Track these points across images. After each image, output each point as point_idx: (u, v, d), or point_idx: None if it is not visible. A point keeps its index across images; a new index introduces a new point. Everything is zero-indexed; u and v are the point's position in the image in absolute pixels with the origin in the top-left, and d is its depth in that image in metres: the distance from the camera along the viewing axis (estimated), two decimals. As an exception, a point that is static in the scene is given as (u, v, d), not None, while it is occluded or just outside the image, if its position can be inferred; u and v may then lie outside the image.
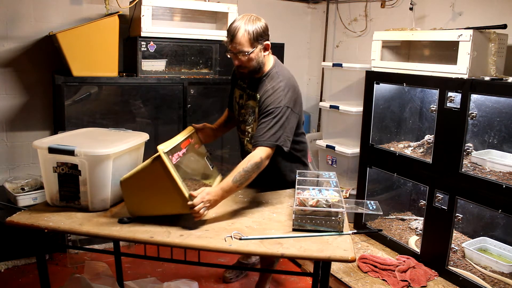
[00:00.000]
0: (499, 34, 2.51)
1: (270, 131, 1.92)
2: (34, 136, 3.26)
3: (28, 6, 3.16)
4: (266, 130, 1.93)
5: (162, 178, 1.66)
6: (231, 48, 1.96)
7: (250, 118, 2.12)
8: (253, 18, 1.96)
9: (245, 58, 1.96)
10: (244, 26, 1.92)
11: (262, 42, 1.99)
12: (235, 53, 1.96)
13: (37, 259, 1.82)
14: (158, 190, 1.70)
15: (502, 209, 2.26)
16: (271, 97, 1.98)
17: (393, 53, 3.08)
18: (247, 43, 1.93)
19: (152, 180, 1.70)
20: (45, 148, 1.77)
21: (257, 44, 1.96)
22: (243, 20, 1.94)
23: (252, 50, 1.95)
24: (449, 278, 2.54)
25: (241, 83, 2.21)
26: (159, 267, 2.91)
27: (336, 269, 2.66)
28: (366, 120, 3.10)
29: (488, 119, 2.54)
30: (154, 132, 3.32)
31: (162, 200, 1.71)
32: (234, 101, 2.27)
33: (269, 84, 2.03)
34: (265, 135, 1.92)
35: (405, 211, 3.32)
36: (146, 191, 1.72)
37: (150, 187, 1.71)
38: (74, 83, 2.92)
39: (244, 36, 1.92)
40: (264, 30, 1.98)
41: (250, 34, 1.92)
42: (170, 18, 3.39)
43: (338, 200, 1.73)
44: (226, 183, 1.80)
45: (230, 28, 1.95)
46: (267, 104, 1.97)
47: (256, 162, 1.86)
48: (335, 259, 1.52)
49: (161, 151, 1.65)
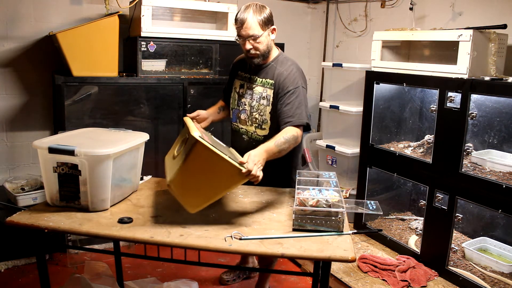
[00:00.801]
0: (499, 34, 2.51)
1: (298, 110, 2.09)
2: (34, 136, 3.26)
3: (28, 6, 3.16)
4: (294, 110, 2.08)
5: (210, 160, 1.66)
6: (243, 33, 2.10)
7: (257, 103, 2.23)
8: (259, 5, 2.12)
9: (256, 42, 2.11)
10: (252, 12, 2.08)
11: (270, 26, 2.14)
12: (246, 38, 2.10)
13: (37, 259, 1.82)
14: (210, 174, 1.68)
15: (502, 209, 2.26)
16: (288, 78, 2.13)
17: (393, 53, 3.08)
18: (258, 27, 2.08)
19: (200, 167, 1.68)
20: (45, 148, 1.77)
21: (266, 28, 2.12)
22: (250, 7, 2.09)
23: (262, 33, 2.10)
24: (449, 278, 2.54)
25: (242, 73, 2.32)
26: (159, 267, 2.91)
27: (336, 269, 2.66)
28: (366, 120, 3.10)
29: (488, 119, 2.54)
30: (154, 132, 3.32)
31: (218, 181, 1.69)
32: (234, 92, 2.35)
33: (281, 68, 2.18)
34: (295, 115, 2.08)
35: (405, 211, 3.32)
36: (199, 181, 1.70)
37: (201, 174, 1.69)
38: (74, 83, 2.92)
39: (254, 21, 2.07)
40: (270, 15, 2.14)
41: (260, 20, 2.08)
42: (170, 18, 3.39)
43: (338, 200, 1.73)
44: (268, 146, 1.91)
45: (240, 15, 2.10)
46: (287, 85, 2.12)
47: (294, 135, 2.02)
48: (335, 259, 1.52)
49: (197, 136, 1.65)
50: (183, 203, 1.73)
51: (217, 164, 1.66)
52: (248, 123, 2.27)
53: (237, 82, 2.35)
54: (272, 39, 2.19)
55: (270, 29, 2.15)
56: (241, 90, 2.31)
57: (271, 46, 2.19)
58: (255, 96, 2.23)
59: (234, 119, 2.36)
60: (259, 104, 2.22)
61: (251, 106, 2.25)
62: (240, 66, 2.36)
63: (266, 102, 2.20)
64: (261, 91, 2.21)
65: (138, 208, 1.81)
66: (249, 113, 2.26)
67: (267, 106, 2.20)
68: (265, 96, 2.20)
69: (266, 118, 2.21)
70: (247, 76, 2.29)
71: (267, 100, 2.19)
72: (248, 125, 2.28)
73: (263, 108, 2.21)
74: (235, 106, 2.34)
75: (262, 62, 2.20)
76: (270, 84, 2.18)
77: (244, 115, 2.28)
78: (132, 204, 1.94)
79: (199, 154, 1.66)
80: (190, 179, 1.70)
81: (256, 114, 2.23)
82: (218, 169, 1.68)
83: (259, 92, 2.22)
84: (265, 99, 2.20)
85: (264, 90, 2.20)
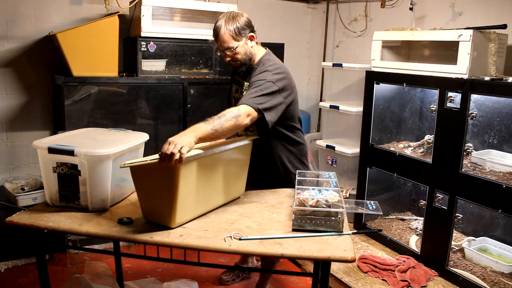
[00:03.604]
0: (499, 34, 2.51)
1: (252, 95, 1.94)
2: (34, 136, 3.26)
3: (28, 6, 3.16)
4: (248, 96, 1.94)
5: (141, 173, 1.67)
6: (218, 46, 2.10)
7: None
8: (233, 15, 2.07)
9: (233, 53, 2.09)
10: (224, 24, 2.04)
11: (246, 34, 2.09)
12: (223, 50, 2.09)
13: (37, 259, 1.82)
14: (154, 183, 1.67)
15: (502, 209, 2.26)
16: (259, 75, 2.06)
17: (393, 53, 3.08)
18: (231, 39, 2.05)
19: (145, 184, 1.69)
20: (45, 148, 1.77)
21: (241, 37, 2.07)
22: (223, 18, 2.06)
23: (237, 45, 2.07)
24: (449, 278, 2.54)
25: (237, 78, 2.31)
26: (159, 267, 2.91)
27: (336, 269, 2.66)
28: (366, 120, 3.10)
29: (488, 119, 2.54)
30: (154, 132, 3.32)
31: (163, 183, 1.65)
32: (231, 96, 2.36)
33: (259, 69, 2.13)
34: (248, 98, 1.93)
35: (405, 211, 3.32)
36: (154, 195, 1.69)
37: (151, 189, 1.69)
38: (74, 83, 2.92)
39: (226, 34, 2.04)
40: (245, 23, 2.08)
41: (231, 31, 2.04)
42: (170, 18, 3.38)
43: (338, 200, 1.72)
44: (197, 124, 1.77)
45: (214, 28, 2.08)
46: (254, 81, 2.03)
47: (234, 112, 1.83)
48: (335, 259, 1.52)
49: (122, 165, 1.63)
50: (162, 222, 1.70)
51: (148, 171, 1.65)
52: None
53: (233, 87, 2.36)
54: (251, 46, 2.13)
55: (247, 37, 2.09)
56: (236, 95, 2.31)
57: (251, 53, 2.13)
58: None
59: None
60: None
61: None
62: (236, 71, 2.33)
63: None
64: None
65: (138, 208, 1.80)
66: None
67: None
68: None
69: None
70: (240, 81, 2.28)
71: None
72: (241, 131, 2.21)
73: None
74: None
75: (249, 67, 2.17)
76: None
77: None
78: (132, 204, 1.94)
79: (133, 175, 1.68)
80: (149, 198, 1.70)
81: None
82: (153, 175, 1.65)
83: None
84: None
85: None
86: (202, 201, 1.80)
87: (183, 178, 1.62)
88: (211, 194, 1.84)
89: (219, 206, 1.92)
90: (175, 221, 1.67)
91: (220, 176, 1.87)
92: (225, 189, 1.93)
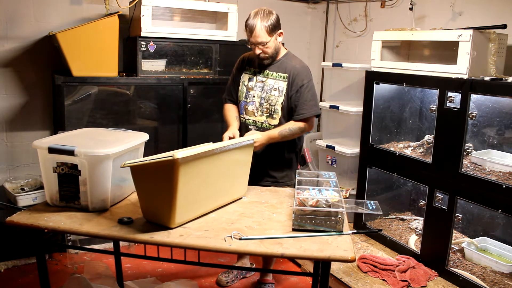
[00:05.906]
0: (499, 34, 2.51)
1: (311, 102, 2.35)
2: (34, 136, 3.26)
3: (28, 6, 3.16)
4: (308, 102, 2.34)
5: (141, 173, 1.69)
6: (252, 41, 2.29)
7: (267, 94, 2.40)
8: (266, 12, 2.28)
9: (265, 47, 2.30)
10: (260, 21, 2.25)
11: (277, 31, 2.32)
12: (256, 44, 2.29)
13: (37, 259, 1.82)
14: (153, 182, 1.67)
15: (502, 209, 2.26)
16: (302, 72, 2.37)
17: (393, 53, 3.08)
18: (265, 34, 2.26)
19: (145, 183, 1.70)
20: (45, 148, 1.77)
21: (274, 33, 2.30)
22: (258, 15, 2.26)
23: (270, 39, 2.29)
24: (449, 278, 2.53)
25: (251, 68, 2.49)
26: (159, 267, 2.91)
27: (336, 269, 2.66)
28: (366, 120, 3.10)
29: (488, 119, 2.54)
30: (154, 132, 3.32)
31: (162, 182, 1.65)
32: (242, 85, 2.50)
33: (293, 62, 2.40)
34: (308, 106, 2.34)
35: (405, 211, 3.32)
36: (154, 194, 1.69)
37: (150, 188, 1.69)
38: (74, 83, 2.92)
39: (262, 30, 2.25)
40: (277, 21, 2.32)
41: (266, 27, 2.25)
42: (170, 18, 3.39)
43: (338, 200, 1.73)
44: (272, 133, 2.30)
45: (249, 24, 2.27)
46: (301, 78, 2.35)
47: (300, 126, 2.34)
48: (335, 259, 1.52)
49: (122, 165, 1.67)
50: (162, 222, 1.70)
51: (148, 171, 1.65)
52: (257, 113, 2.43)
53: (245, 76, 2.50)
54: (279, 41, 2.37)
55: (277, 33, 2.33)
56: (250, 83, 2.46)
57: (278, 47, 2.39)
58: (266, 88, 2.40)
59: (241, 111, 2.51)
60: (270, 95, 2.39)
61: (261, 98, 2.41)
62: (249, 61, 2.52)
63: (277, 93, 2.38)
64: (272, 83, 2.39)
65: (138, 208, 1.80)
66: (258, 104, 2.42)
67: (278, 97, 2.38)
68: (276, 87, 2.38)
69: (277, 108, 2.37)
70: (256, 70, 2.46)
71: (279, 91, 2.37)
72: (257, 115, 2.43)
73: (274, 98, 2.38)
74: (242, 98, 2.49)
75: (273, 61, 2.40)
76: (283, 77, 2.37)
77: (252, 106, 2.44)
78: (132, 204, 1.94)
79: (134, 175, 1.69)
80: (149, 198, 1.70)
81: (267, 105, 2.40)
82: (154, 175, 1.65)
83: (270, 84, 2.39)
84: (277, 90, 2.38)
85: (276, 82, 2.39)
86: (203, 201, 1.80)
87: (183, 178, 1.62)
88: (211, 194, 1.84)
89: (219, 207, 1.92)
90: (175, 221, 1.67)
91: (220, 176, 1.87)
92: (225, 189, 1.93)
